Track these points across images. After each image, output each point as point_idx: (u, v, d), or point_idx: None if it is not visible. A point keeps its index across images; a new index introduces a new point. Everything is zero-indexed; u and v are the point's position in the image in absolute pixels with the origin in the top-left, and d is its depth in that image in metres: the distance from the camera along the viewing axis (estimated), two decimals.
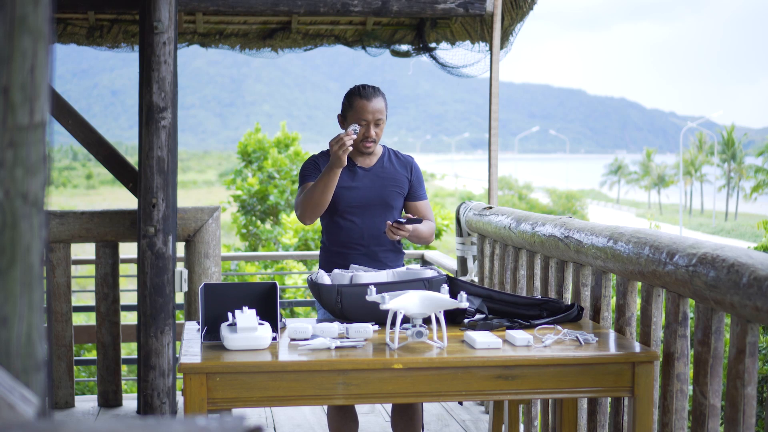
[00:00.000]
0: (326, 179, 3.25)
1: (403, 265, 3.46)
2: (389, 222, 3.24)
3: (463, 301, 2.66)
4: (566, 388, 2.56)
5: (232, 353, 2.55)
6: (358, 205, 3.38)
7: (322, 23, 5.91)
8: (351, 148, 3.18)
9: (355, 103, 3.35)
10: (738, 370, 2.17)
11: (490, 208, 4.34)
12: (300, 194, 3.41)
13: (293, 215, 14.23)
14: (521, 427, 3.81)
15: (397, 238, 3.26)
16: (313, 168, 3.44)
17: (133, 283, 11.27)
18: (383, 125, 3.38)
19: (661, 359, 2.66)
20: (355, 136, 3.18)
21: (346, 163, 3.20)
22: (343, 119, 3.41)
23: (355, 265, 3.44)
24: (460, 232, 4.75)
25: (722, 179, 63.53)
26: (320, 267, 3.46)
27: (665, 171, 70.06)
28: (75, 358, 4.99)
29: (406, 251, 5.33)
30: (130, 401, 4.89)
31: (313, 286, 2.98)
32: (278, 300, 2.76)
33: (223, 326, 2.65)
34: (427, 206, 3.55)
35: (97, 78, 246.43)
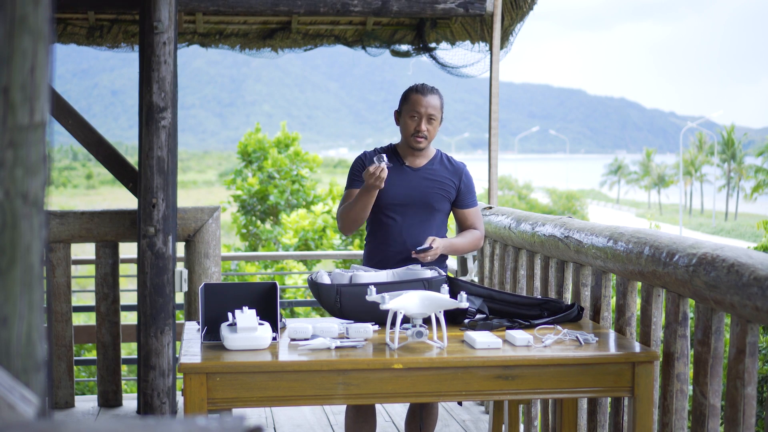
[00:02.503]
0: (364, 200, 3.28)
1: (446, 268, 3.45)
2: (413, 252, 3.24)
3: (463, 301, 2.66)
4: (566, 388, 2.56)
5: (232, 353, 2.55)
6: (400, 203, 3.37)
7: (322, 23, 5.91)
8: (384, 178, 3.17)
9: (410, 96, 3.37)
10: (738, 370, 2.17)
11: (490, 208, 4.34)
12: (342, 202, 3.44)
13: (293, 215, 14.23)
14: (521, 427, 3.81)
15: (429, 259, 3.24)
16: (360, 171, 3.42)
17: (133, 283, 11.27)
18: (437, 124, 3.37)
19: (661, 359, 2.66)
20: (385, 166, 3.15)
21: (382, 186, 3.21)
22: (399, 114, 3.42)
23: (356, 265, 3.45)
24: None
25: (722, 179, 63.52)
26: (363, 263, 3.48)
27: (665, 171, 70.05)
28: (75, 358, 4.99)
29: None
30: (130, 401, 4.89)
31: (313, 285, 2.98)
32: (278, 300, 2.76)
33: (223, 326, 2.65)
34: (476, 214, 3.52)
35: (97, 78, 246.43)
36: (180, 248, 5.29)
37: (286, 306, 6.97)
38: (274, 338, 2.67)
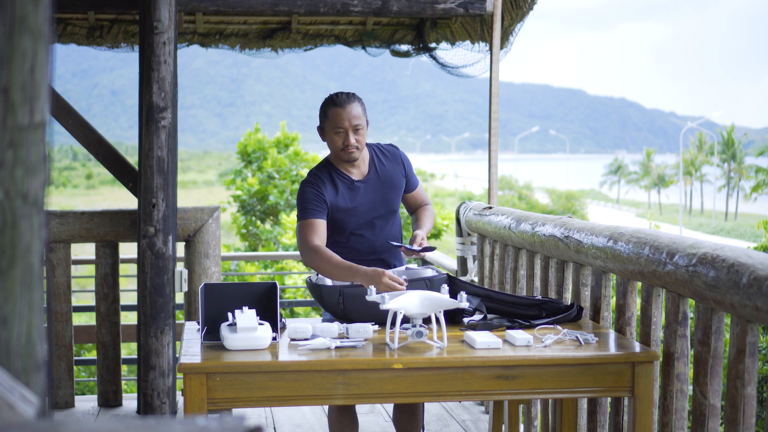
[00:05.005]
0: (345, 276, 3.01)
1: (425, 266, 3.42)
2: (400, 248, 3.18)
3: (463, 301, 2.66)
4: (566, 388, 2.56)
5: (232, 353, 2.55)
6: (366, 222, 3.27)
7: (322, 23, 5.91)
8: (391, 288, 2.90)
9: (330, 112, 3.20)
10: (738, 370, 2.17)
11: (490, 208, 4.34)
12: (306, 233, 3.15)
13: (293, 215, 14.23)
14: (521, 427, 3.81)
15: (413, 256, 3.20)
16: (319, 200, 3.19)
17: (133, 283, 11.27)
18: (364, 131, 3.21)
19: (661, 359, 2.66)
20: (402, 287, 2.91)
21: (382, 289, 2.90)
22: (322, 131, 3.27)
23: None
24: (460, 232, 4.74)
25: (722, 179, 63.51)
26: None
27: (665, 171, 70.04)
28: (75, 358, 4.99)
29: None
30: (130, 401, 4.89)
31: (314, 287, 2.97)
32: (278, 300, 2.76)
33: (223, 326, 2.65)
34: (422, 190, 3.48)
35: (97, 78, 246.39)
36: (180, 248, 5.29)
37: (286, 306, 6.97)
38: (274, 338, 2.67)
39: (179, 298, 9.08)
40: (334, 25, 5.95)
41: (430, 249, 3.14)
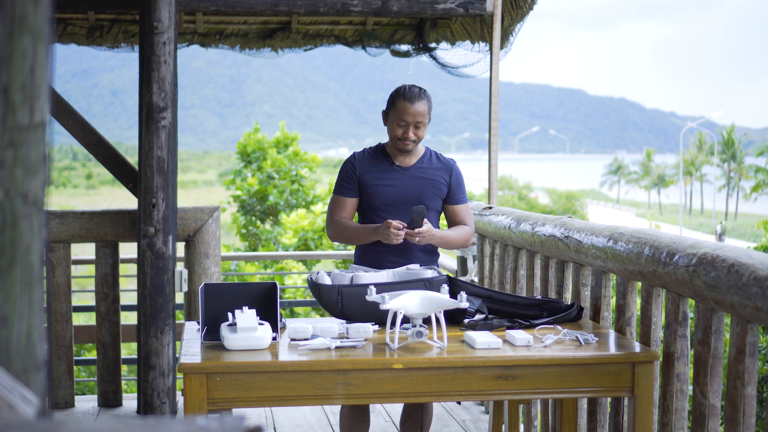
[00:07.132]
0: (366, 238, 3.30)
1: (437, 265, 3.44)
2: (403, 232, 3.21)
3: (463, 301, 2.66)
4: (566, 388, 2.56)
5: (232, 353, 2.55)
6: (393, 202, 3.36)
7: (322, 23, 5.91)
8: (400, 239, 3.19)
9: (398, 103, 3.33)
10: (738, 370, 2.17)
11: (490, 208, 4.34)
12: (333, 209, 3.42)
13: (293, 215, 14.22)
14: (521, 427, 3.81)
15: (417, 240, 3.20)
16: (349, 178, 3.40)
17: (133, 283, 11.27)
18: (424, 128, 3.36)
19: (661, 359, 2.66)
20: (402, 233, 3.19)
21: (393, 241, 3.21)
22: (386, 116, 3.41)
23: (355, 266, 3.44)
24: None
25: (722, 179, 63.52)
26: (355, 262, 3.46)
27: (665, 171, 70.06)
28: (75, 358, 4.99)
29: None
30: (130, 401, 4.89)
31: (314, 286, 2.98)
32: (278, 300, 2.76)
33: (223, 326, 2.65)
34: (466, 210, 3.50)
35: (97, 78, 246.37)
36: (180, 248, 5.28)
37: (286, 306, 6.97)
38: (274, 338, 2.67)
39: (179, 298, 9.07)
40: (334, 25, 5.95)
41: (417, 222, 3.16)
